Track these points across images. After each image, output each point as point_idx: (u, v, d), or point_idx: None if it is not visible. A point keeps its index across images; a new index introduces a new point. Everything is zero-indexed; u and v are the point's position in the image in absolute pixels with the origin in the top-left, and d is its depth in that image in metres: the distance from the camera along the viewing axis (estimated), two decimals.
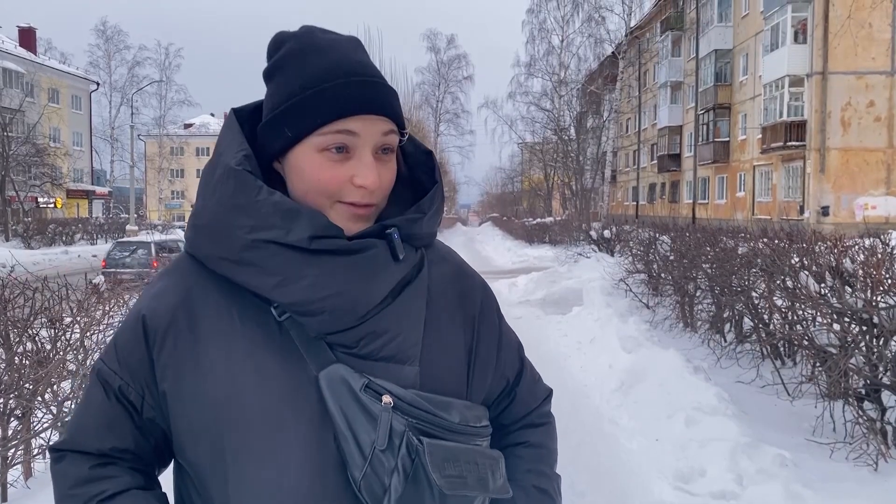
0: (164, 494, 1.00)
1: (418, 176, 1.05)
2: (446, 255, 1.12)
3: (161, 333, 0.94)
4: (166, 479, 1.04)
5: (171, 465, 1.04)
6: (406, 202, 1.02)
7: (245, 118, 1.00)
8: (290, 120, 0.93)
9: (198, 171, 78.09)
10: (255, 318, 0.94)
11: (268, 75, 0.98)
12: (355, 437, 0.89)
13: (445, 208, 1.12)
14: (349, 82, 0.92)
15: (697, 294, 7.97)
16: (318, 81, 0.92)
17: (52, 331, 3.76)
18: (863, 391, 4.23)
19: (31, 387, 3.50)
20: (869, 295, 4.15)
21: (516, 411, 1.14)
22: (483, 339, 1.08)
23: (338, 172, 0.92)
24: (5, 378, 3.37)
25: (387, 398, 0.90)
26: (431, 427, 0.93)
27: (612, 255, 14.55)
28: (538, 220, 35.92)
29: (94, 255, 16.16)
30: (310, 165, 0.92)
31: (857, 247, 4.85)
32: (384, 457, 0.88)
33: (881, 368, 4.13)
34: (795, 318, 5.30)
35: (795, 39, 26.60)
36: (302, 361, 0.92)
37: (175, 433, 0.95)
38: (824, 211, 25.54)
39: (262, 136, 0.97)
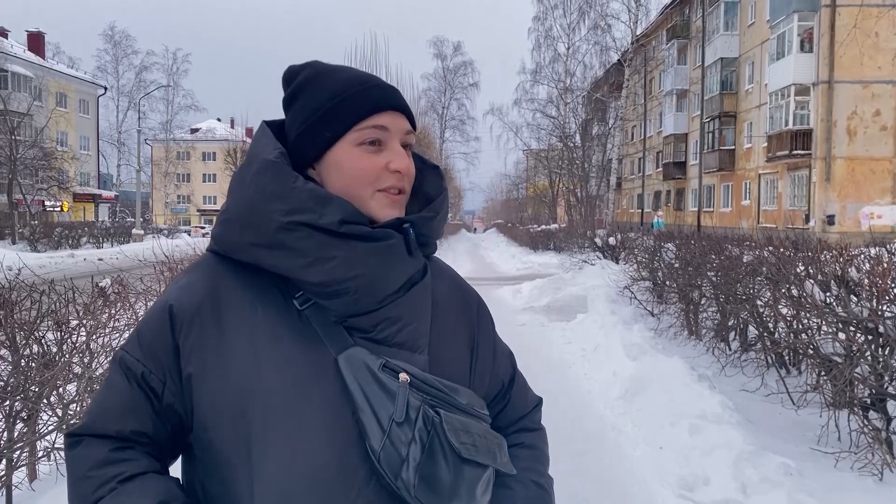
0: (178, 479, 1.03)
1: (426, 189, 1.14)
2: (445, 269, 1.22)
3: (188, 321, 0.99)
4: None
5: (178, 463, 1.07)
6: (415, 213, 1.11)
7: (275, 130, 1.09)
8: (327, 123, 1.03)
9: (204, 175, 78.43)
10: (277, 307, 1.01)
11: (288, 101, 1.09)
12: (374, 412, 0.95)
13: (450, 214, 1.17)
14: (377, 85, 1.06)
15: (702, 302, 7.96)
16: (348, 87, 1.04)
17: (59, 334, 3.77)
18: (868, 400, 4.22)
19: (36, 389, 3.51)
20: (874, 304, 4.14)
21: (511, 415, 1.23)
22: (481, 344, 1.18)
23: (375, 161, 1.03)
24: (11, 380, 3.38)
25: (404, 375, 0.98)
26: (444, 405, 1.00)
27: (617, 262, 14.52)
28: (543, 226, 35.90)
29: (100, 259, 16.21)
30: (349, 159, 1.02)
31: (862, 256, 4.84)
32: (401, 429, 0.94)
33: (887, 378, 4.11)
34: (801, 326, 5.29)
35: (801, 48, 26.61)
36: (322, 346, 0.99)
37: (198, 416, 0.99)
38: (830, 220, 25.48)
39: (298, 145, 1.06)
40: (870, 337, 4.17)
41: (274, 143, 1.04)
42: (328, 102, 1.03)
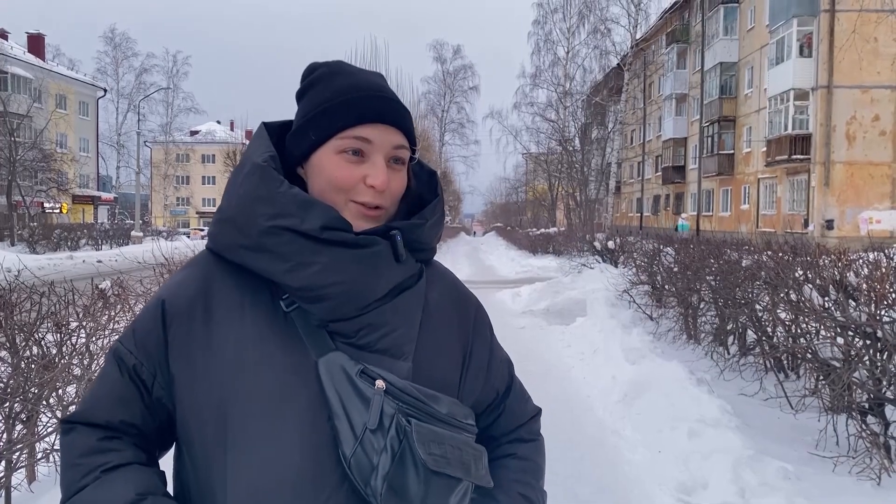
0: (163, 473, 1.05)
1: (423, 193, 1.14)
2: (444, 274, 1.20)
3: (178, 318, 1.01)
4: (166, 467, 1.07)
5: (170, 457, 1.09)
6: (411, 216, 1.11)
7: (273, 131, 1.11)
8: (315, 125, 1.04)
9: (203, 177, 78.39)
10: (265, 309, 1.02)
11: (300, 94, 1.11)
12: (348, 418, 0.96)
13: (450, 218, 1.17)
14: (369, 96, 1.04)
15: (701, 306, 7.97)
16: (343, 94, 1.04)
17: (58, 335, 3.77)
18: (866, 405, 4.23)
19: (36, 391, 3.51)
20: (873, 309, 4.15)
21: (505, 424, 1.21)
22: (475, 352, 1.16)
23: (352, 172, 1.02)
24: (11, 382, 3.38)
25: (380, 383, 0.98)
26: (420, 413, 0.99)
27: (616, 266, 14.53)
28: (542, 230, 35.92)
29: (99, 261, 16.20)
30: (328, 165, 1.03)
31: (861, 261, 4.85)
32: (374, 437, 0.95)
33: (885, 382, 4.12)
34: (799, 331, 5.30)
35: (801, 53, 26.66)
36: (304, 348, 1.00)
37: (181, 411, 1.01)
38: (829, 224, 25.51)
39: (290, 142, 1.08)
40: (868, 342, 4.18)
41: (266, 145, 1.05)
42: (321, 105, 1.04)
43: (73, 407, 3.78)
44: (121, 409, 1.02)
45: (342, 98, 1.03)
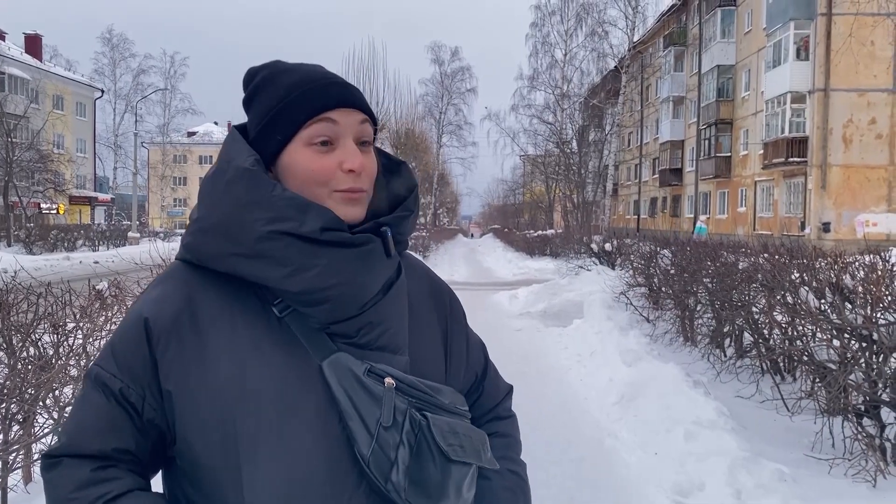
0: (164, 495, 1.02)
1: (395, 186, 1.12)
2: (417, 265, 1.21)
3: (165, 334, 0.97)
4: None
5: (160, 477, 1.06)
6: (387, 212, 1.10)
7: (243, 134, 1.07)
8: (277, 124, 1.02)
9: (200, 179, 78.05)
10: (256, 315, 1.00)
11: (247, 102, 1.08)
12: (361, 417, 0.96)
13: (447, 219, 1.17)
14: (324, 83, 1.03)
15: (698, 308, 7.97)
16: (298, 87, 1.02)
17: (55, 336, 3.76)
18: (862, 407, 4.24)
19: (33, 392, 3.50)
20: (869, 311, 4.16)
21: (485, 404, 1.24)
22: (454, 338, 1.19)
23: (327, 162, 1.00)
24: (7, 383, 3.37)
25: (389, 380, 0.98)
26: (429, 406, 1.01)
27: (613, 268, 14.53)
28: (539, 232, 35.94)
29: (96, 262, 16.20)
30: (302, 160, 1.00)
31: (857, 263, 4.86)
32: (389, 433, 0.95)
33: (880, 385, 4.13)
34: (795, 333, 5.31)
35: (798, 56, 26.74)
36: (305, 353, 0.99)
37: (182, 429, 0.97)
38: (825, 227, 25.57)
39: (255, 147, 1.04)
40: (864, 344, 4.19)
41: (248, 149, 1.01)
42: (277, 104, 1.02)
43: (70, 409, 3.76)
44: (112, 436, 0.96)
45: (298, 91, 1.01)
